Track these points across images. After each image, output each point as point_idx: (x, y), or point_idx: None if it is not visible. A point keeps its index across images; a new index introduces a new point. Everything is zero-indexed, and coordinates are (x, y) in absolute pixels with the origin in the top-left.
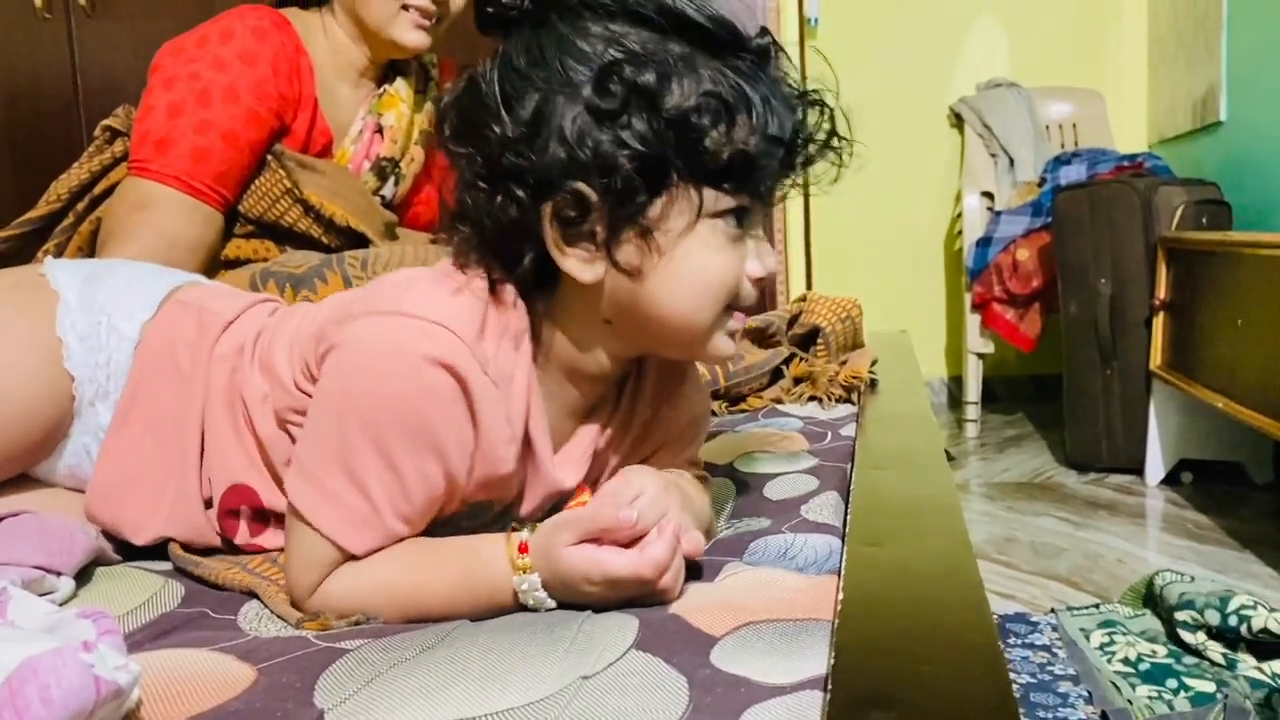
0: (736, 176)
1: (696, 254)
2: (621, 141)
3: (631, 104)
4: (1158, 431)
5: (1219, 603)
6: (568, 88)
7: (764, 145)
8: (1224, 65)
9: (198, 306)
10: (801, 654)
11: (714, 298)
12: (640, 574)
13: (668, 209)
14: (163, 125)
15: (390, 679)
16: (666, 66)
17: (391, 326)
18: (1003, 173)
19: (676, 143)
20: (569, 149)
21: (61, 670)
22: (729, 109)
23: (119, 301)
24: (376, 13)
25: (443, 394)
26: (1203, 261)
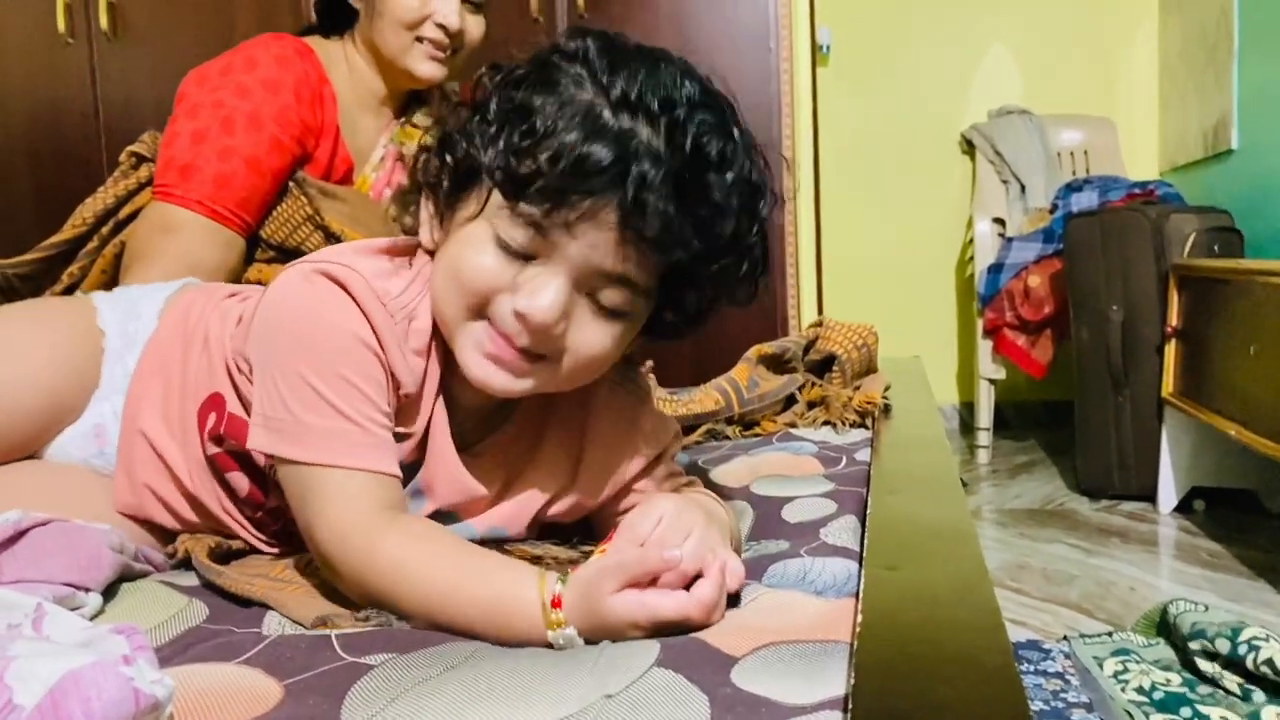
0: (517, 190)
1: (462, 245)
2: (463, 128)
3: (483, 103)
4: (1170, 459)
5: (1230, 633)
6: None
7: (545, 174)
8: (1235, 94)
9: (211, 286)
10: (821, 675)
11: (459, 294)
12: (689, 616)
13: (466, 197)
14: (187, 151)
15: (415, 696)
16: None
17: (289, 271)
18: (1014, 199)
19: (486, 141)
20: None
21: (103, 683)
22: (531, 126)
23: (144, 289)
24: (391, 44)
25: (338, 297)
26: (1215, 289)
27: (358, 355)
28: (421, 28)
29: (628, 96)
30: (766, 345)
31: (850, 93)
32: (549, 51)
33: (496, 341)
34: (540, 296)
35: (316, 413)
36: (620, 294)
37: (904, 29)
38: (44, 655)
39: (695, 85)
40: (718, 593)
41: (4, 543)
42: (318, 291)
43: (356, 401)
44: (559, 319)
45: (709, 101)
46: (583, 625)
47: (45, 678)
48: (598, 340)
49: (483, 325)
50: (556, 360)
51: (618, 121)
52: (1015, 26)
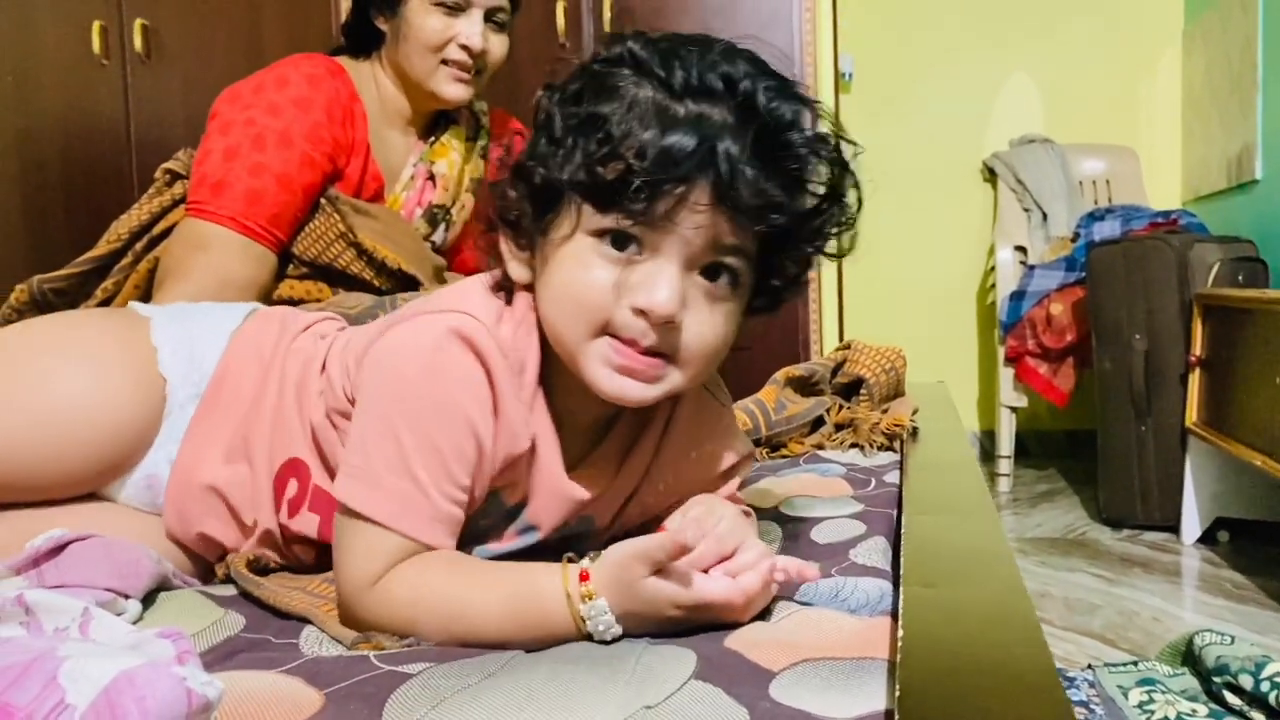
0: (607, 195)
1: (566, 266)
2: (535, 152)
3: (549, 121)
4: (1193, 489)
5: (1254, 668)
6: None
7: (635, 169)
8: (1259, 123)
9: (280, 314)
10: (860, 690)
11: (576, 314)
12: (732, 601)
13: (556, 220)
14: (219, 168)
15: (455, 704)
16: (587, 90)
17: (417, 321)
18: (1036, 227)
19: (564, 158)
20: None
21: (157, 682)
22: (608, 132)
23: (205, 322)
24: (417, 66)
25: (464, 365)
26: (1239, 318)
27: (461, 431)
28: (446, 50)
29: (689, 83)
30: (795, 368)
31: (872, 120)
32: (594, 61)
33: (623, 352)
34: (658, 289)
35: (395, 472)
36: (727, 270)
37: (926, 57)
38: (95, 656)
39: (744, 59)
40: (761, 585)
41: (47, 554)
42: (447, 359)
43: (438, 472)
44: (679, 307)
45: (765, 70)
46: (617, 603)
47: (97, 678)
48: (715, 325)
49: (605, 340)
50: (680, 359)
51: (687, 108)
52: (1037, 55)
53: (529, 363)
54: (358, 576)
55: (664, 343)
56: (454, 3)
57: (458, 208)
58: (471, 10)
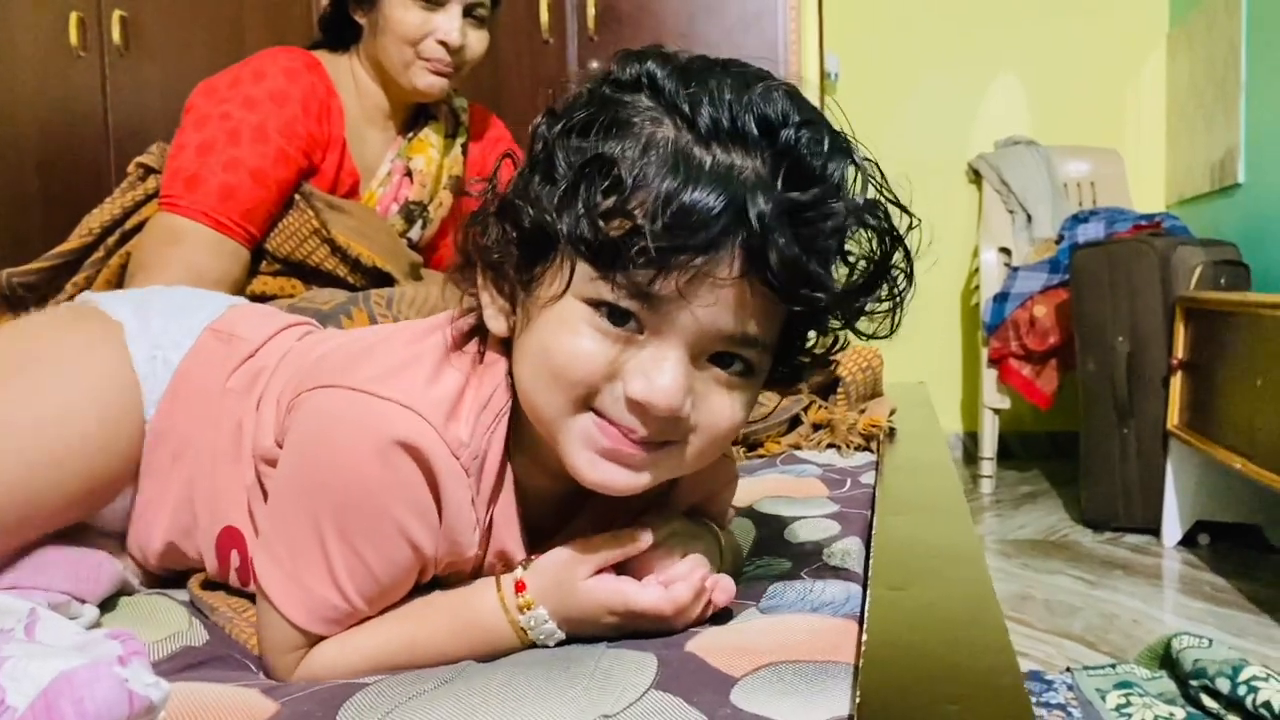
0: (608, 259)
1: (550, 329)
2: (525, 191)
3: (546, 156)
4: (1175, 492)
5: (1231, 672)
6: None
7: (640, 233)
8: (1243, 127)
9: (228, 333)
10: (822, 695)
11: (556, 386)
12: (661, 610)
13: (544, 274)
14: (193, 163)
15: (409, 710)
16: (594, 123)
17: (355, 405)
18: (1020, 229)
19: (560, 203)
20: (503, 192)
21: (96, 683)
22: (616, 180)
23: (170, 332)
24: (394, 60)
25: (407, 481)
26: (1221, 322)
27: (395, 547)
28: (423, 44)
29: (718, 124)
30: None
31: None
32: (604, 83)
33: (610, 434)
34: (658, 378)
35: (319, 580)
36: (745, 353)
37: (912, 58)
38: (36, 657)
39: (784, 95)
40: (691, 597)
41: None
42: (387, 474)
43: (365, 585)
44: (685, 399)
45: (807, 112)
46: (555, 609)
47: (38, 678)
48: (727, 411)
49: (590, 418)
50: (683, 442)
51: (714, 156)
52: (1023, 57)
53: (491, 452)
54: (277, 663)
55: (663, 433)
56: None
57: (435, 204)
58: (450, 5)
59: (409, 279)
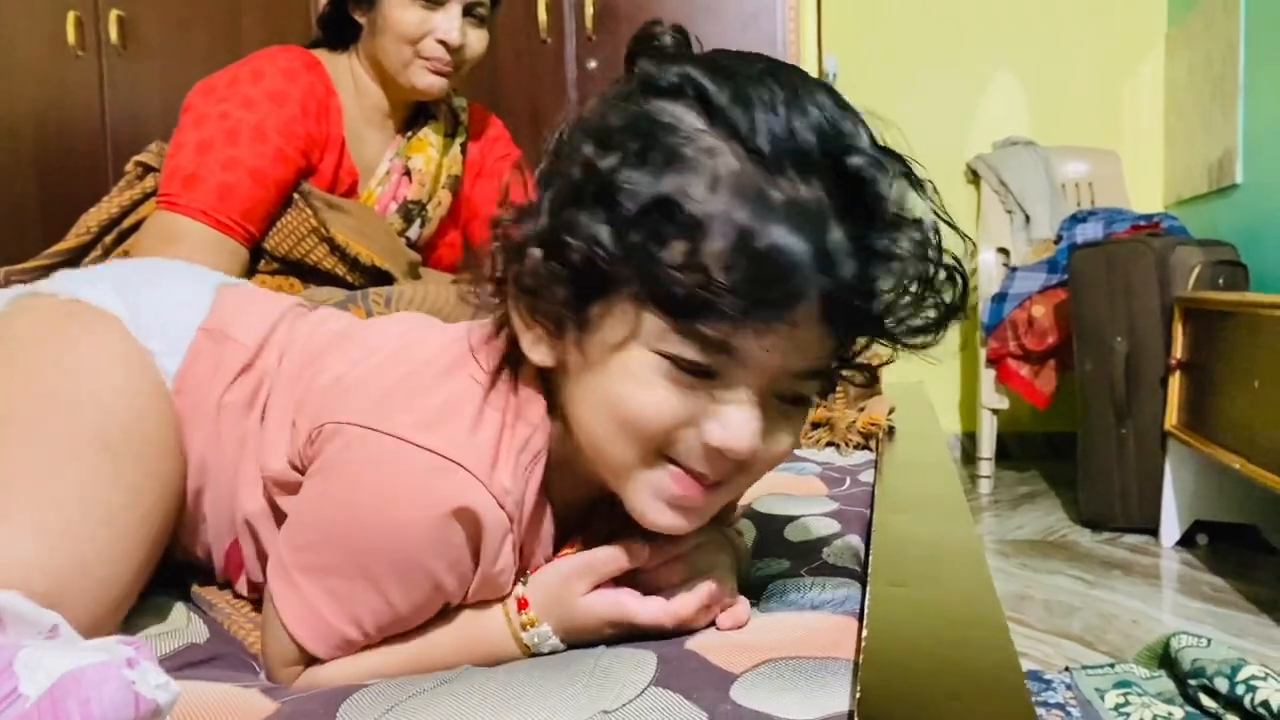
0: (682, 311)
1: (617, 379)
2: (573, 225)
3: (599, 189)
4: (1173, 492)
5: (1229, 671)
6: (572, 158)
7: (725, 287)
8: (1240, 128)
9: (221, 333)
10: (822, 691)
11: (625, 434)
12: (660, 624)
13: (605, 317)
14: (191, 162)
15: (409, 709)
16: (652, 156)
17: (405, 460)
18: (1018, 229)
19: (624, 246)
20: (539, 219)
21: (103, 685)
22: (692, 224)
23: (162, 332)
24: (393, 59)
25: (455, 543)
26: (1219, 322)
27: (427, 597)
28: (422, 44)
29: (780, 149)
30: None
31: None
32: (644, 88)
33: (684, 484)
34: (738, 426)
35: (339, 616)
36: (807, 387)
37: (910, 59)
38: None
39: (823, 92)
40: (694, 611)
41: None
42: (437, 539)
43: (386, 624)
44: (758, 442)
45: (847, 112)
46: (555, 624)
47: (51, 670)
48: (786, 441)
49: (664, 470)
50: (743, 475)
51: (784, 192)
52: (1021, 58)
53: (529, 490)
54: (278, 673)
55: (729, 474)
56: None
57: (434, 204)
58: (449, 4)
59: (408, 278)
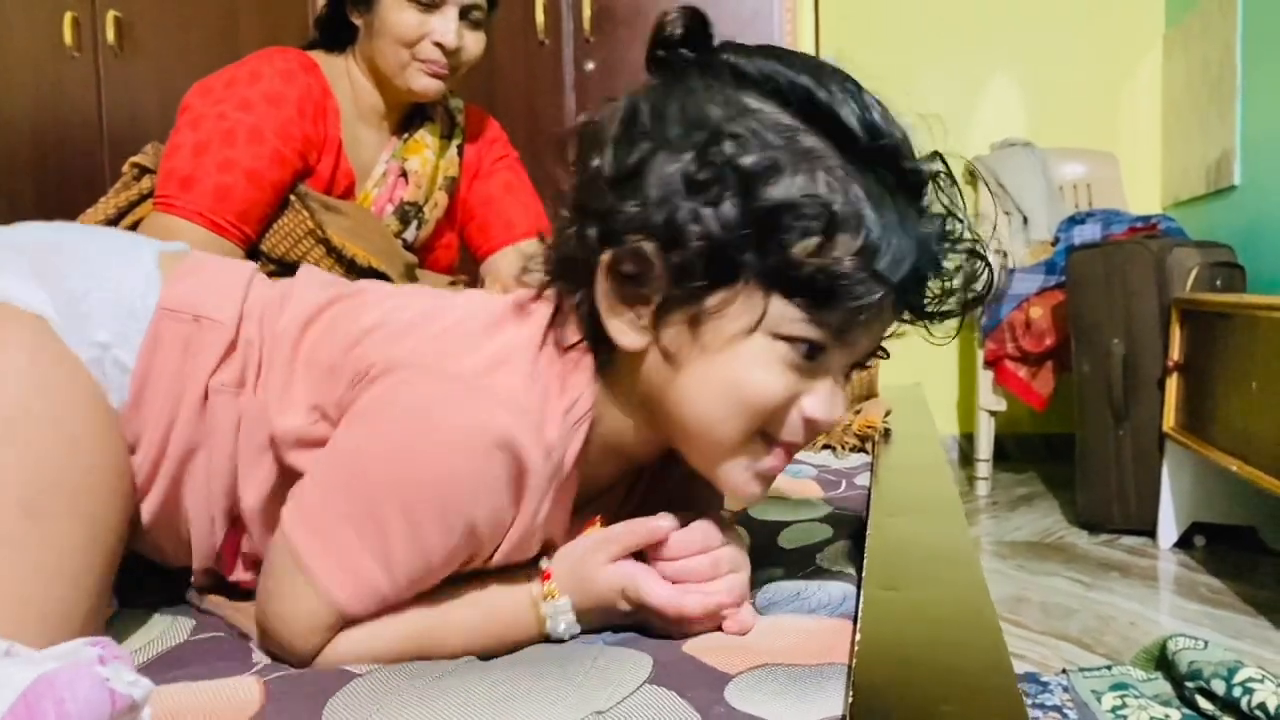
0: (814, 298)
1: (741, 364)
2: (698, 216)
3: (724, 182)
4: (1170, 494)
5: (1226, 673)
6: (671, 146)
7: (861, 276)
8: (1238, 129)
9: (191, 315)
10: (816, 694)
11: (743, 415)
12: (665, 610)
13: (727, 305)
14: (188, 163)
15: (399, 706)
16: (776, 155)
17: (464, 397)
18: (1016, 231)
19: (757, 238)
20: (646, 206)
21: (77, 684)
22: (829, 220)
23: (110, 321)
24: (390, 61)
25: (498, 479)
26: (1217, 323)
27: (460, 544)
28: (419, 46)
29: (867, 147)
30: None
31: None
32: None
33: (779, 456)
34: (835, 401)
35: (374, 557)
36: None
37: (908, 60)
38: (16, 662)
39: (872, 96)
40: (700, 613)
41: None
42: (484, 475)
43: (418, 574)
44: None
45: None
46: (577, 598)
47: (18, 684)
48: (842, 407)
49: (761, 443)
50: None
51: (882, 184)
52: (1019, 59)
53: (568, 454)
54: (301, 644)
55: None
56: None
57: (430, 205)
58: (446, 7)
59: (404, 279)
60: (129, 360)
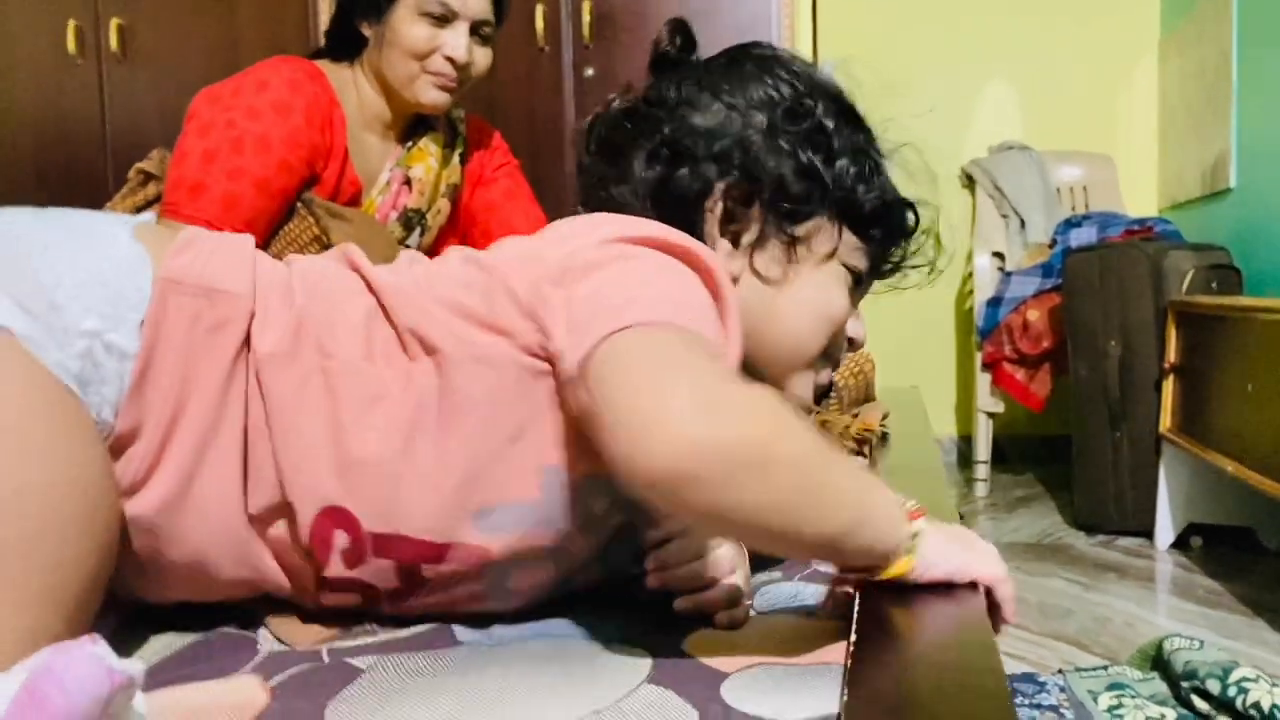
0: (874, 227)
1: (827, 286)
2: (796, 158)
3: (811, 131)
4: (1167, 495)
5: (1221, 673)
6: (759, 104)
7: (903, 206)
8: (1234, 133)
9: (199, 287)
10: (812, 693)
11: (825, 331)
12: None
13: (814, 233)
14: (196, 171)
15: (403, 703)
16: (837, 109)
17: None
18: (1014, 233)
19: (836, 178)
20: (748, 147)
21: (73, 665)
22: (878, 163)
23: (91, 298)
24: (399, 73)
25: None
26: (1213, 326)
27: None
28: (429, 59)
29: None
30: None
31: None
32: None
33: (827, 373)
34: (862, 322)
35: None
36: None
37: (906, 64)
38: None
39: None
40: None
41: None
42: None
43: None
44: None
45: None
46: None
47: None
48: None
49: (823, 358)
50: None
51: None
52: (1016, 63)
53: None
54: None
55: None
56: (441, 14)
57: (433, 212)
58: (458, 22)
59: None
60: (127, 344)
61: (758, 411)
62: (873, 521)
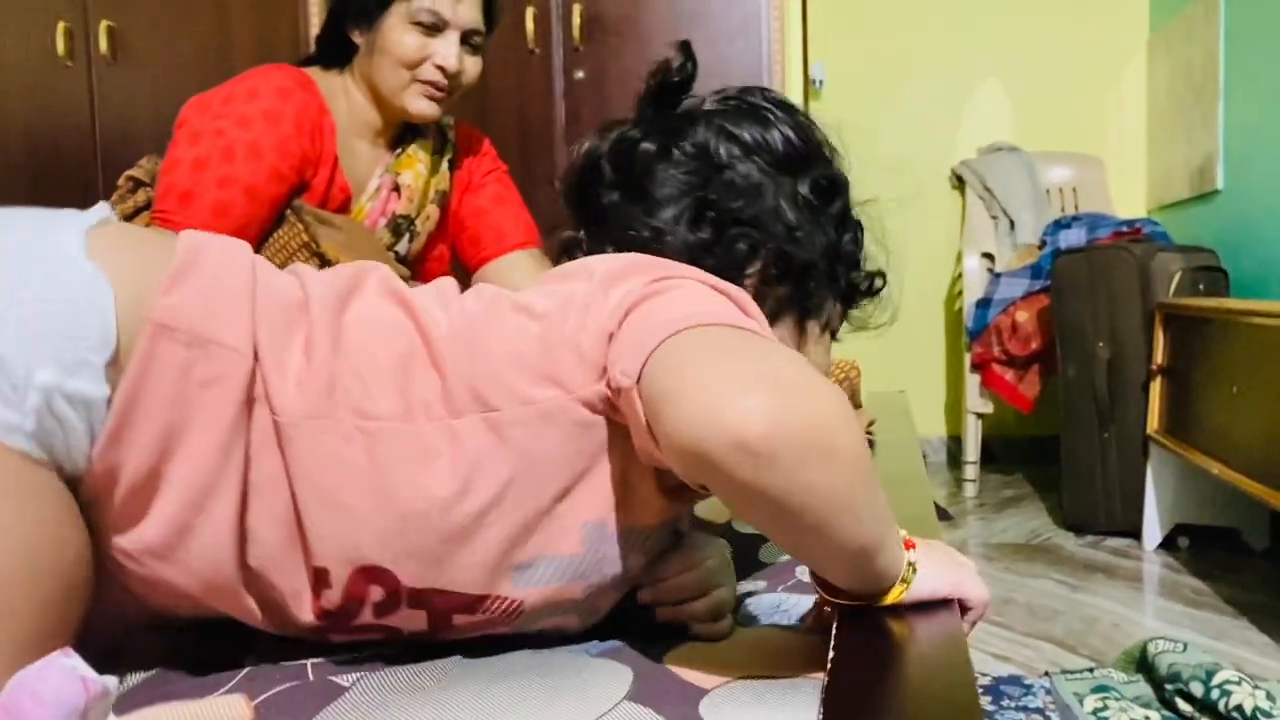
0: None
1: (820, 354)
2: (829, 240)
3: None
4: (1154, 496)
5: (1204, 675)
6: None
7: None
8: (1221, 135)
9: (193, 335)
10: (791, 708)
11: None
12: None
13: (823, 311)
14: (187, 179)
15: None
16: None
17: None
18: (1003, 235)
19: (854, 263)
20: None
21: (48, 678)
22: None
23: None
24: (390, 81)
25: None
26: (1199, 328)
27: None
28: (420, 68)
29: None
30: None
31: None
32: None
33: None
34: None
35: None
36: None
37: (897, 65)
38: None
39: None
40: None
41: None
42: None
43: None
44: None
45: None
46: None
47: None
48: None
49: None
50: None
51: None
52: (1006, 64)
53: None
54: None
55: None
56: (432, 23)
57: (422, 218)
58: (449, 32)
59: None
60: (92, 390)
61: (829, 398)
62: (889, 548)
